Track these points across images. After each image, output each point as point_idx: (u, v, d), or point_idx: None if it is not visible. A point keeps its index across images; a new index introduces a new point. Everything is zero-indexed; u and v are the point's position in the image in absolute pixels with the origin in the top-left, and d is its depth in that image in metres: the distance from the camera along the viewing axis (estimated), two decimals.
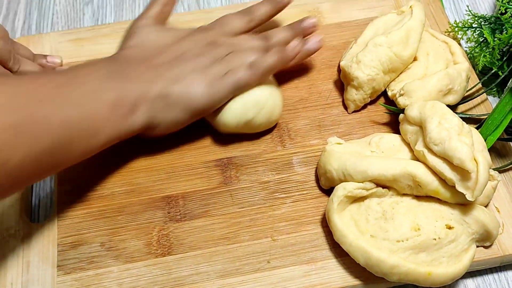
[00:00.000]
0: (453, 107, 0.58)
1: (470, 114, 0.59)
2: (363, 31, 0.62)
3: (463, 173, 0.47)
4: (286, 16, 0.67)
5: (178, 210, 0.54)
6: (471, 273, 0.52)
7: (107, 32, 0.66)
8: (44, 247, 0.52)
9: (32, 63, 0.57)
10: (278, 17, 0.62)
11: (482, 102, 0.60)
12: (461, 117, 0.51)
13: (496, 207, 0.53)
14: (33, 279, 0.50)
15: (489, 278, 0.53)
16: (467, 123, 0.51)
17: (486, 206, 0.52)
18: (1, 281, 0.50)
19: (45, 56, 0.62)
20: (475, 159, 0.47)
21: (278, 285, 0.49)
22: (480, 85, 0.61)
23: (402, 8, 0.62)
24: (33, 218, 0.56)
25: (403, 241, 0.47)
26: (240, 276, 0.50)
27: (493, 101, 0.62)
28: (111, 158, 0.56)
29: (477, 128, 0.56)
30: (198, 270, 0.50)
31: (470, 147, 0.47)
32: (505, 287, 0.52)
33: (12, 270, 0.50)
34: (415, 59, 0.60)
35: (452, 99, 0.57)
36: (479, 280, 0.53)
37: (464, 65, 0.58)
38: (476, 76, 0.62)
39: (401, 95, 0.56)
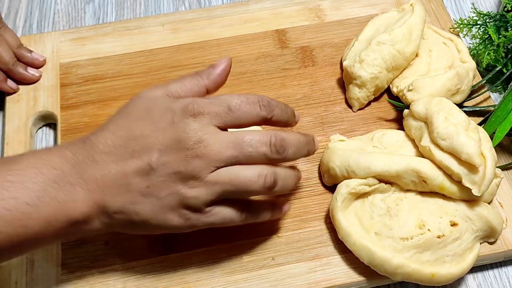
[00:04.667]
0: (457, 104, 0.57)
1: (474, 107, 0.59)
2: (364, 29, 0.63)
3: (470, 168, 0.47)
4: (288, 14, 0.67)
5: None
6: (471, 269, 0.52)
7: (109, 31, 0.66)
8: (48, 246, 0.51)
9: None
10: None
11: (485, 99, 0.60)
12: (465, 111, 0.51)
13: (499, 202, 0.53)
14: (38, 278, 0.50)
15: (490, 275, 0.53)
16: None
17: (489, 203, 0.52)
18: (5, 280, 0.50)
19: (30, 51, 0.63)
20: (482, 155, 0.47)
21: (283, 281, 0.49)
22: (482, 82, 0.61)
23: (403, 5, 0.63)
24: None
25: (407, 239, 0.47)
26: (245, 273, 0.50)
27: (495, 99, 0.62)
28: None
29: (479, 124, 0.56)
30: (203, 267, 0.50)
31: (477, 142, 0.47)
32: (506, 284, 0.52)
33: (17, 269, 0.50)
34: (416, 55, 0.60)
35: (459, 98, 0.57)
36: (479, 277, 0.53)
37: (472, 64, 0.58)
38: (477, 73, 0.62)
39: (409, 90, 0.56)
